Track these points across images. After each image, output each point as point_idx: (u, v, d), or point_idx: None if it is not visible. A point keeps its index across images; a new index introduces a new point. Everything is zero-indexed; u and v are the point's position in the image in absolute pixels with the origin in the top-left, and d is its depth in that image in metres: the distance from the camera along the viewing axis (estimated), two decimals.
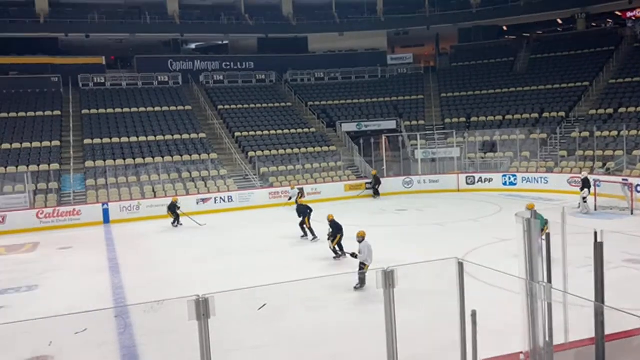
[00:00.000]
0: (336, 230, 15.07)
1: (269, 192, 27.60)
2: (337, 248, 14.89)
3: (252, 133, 33.74)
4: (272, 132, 34.06)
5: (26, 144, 29.31)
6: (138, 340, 9.55)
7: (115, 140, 30.92)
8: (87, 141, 30.49)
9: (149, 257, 17.17)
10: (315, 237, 17.76)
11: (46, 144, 29.72)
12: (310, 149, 32.56)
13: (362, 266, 12.21)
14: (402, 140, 33.53)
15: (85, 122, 32.40)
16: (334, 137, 34.81)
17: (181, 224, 22.58)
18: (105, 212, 24.66)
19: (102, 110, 33.73)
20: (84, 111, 33.44)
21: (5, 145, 28.91)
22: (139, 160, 29.19)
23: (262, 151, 31.77)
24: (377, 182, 28.70)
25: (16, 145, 29.10)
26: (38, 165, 27.54)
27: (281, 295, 9.58)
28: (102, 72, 37.44)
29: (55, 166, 27.81)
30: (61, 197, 25.98)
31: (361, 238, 12.27)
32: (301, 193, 26.07)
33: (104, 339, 9.53)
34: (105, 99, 35.15)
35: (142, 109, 34.58)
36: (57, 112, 33.01)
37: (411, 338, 6.57)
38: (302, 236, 18.34)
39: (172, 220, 22.64)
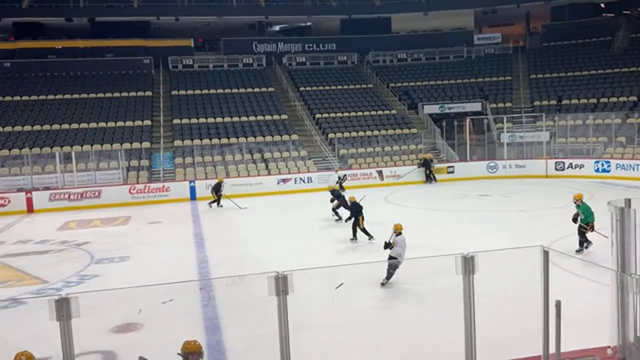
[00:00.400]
0: (356, 213, 15.38)
1: (348, 173, 27.65)
2: (364, 229, 15.20)
3: (332, 115, 33.83)
4: (353, 113, 34.00)
5: (120, 123, 30.97)
6: (220, 312, 9.93)
7: (202, 120, 32.04)
8: (176, 121, 31.80)
9: (232, 233, 17.76)
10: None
11: (138, 123, 31.28)
12: (391, 131, 32.24)
13: (394, 261, 11.04)
14: (487, 123, 32.46)
15: (175, 103, 33.76)
16: (416, 119, 34.24)
17: (221, 206, 22.69)
18: (192, 190, 25.69)
19: (190, 92, 35.00)
20: (174, 92, 34.83)
21: (102, 124, 30.70)
22: (224, 140, 30.10)
23: (342, 133, 31.82)
24: (428, 166, 27.91)
25: (111, 124, 30.83)
26: (131, 144, 29.05)
27: (357, 275, 9.62)
28: (191, 54, 38.76)
29: (146, 145, 29.25)
30: (151, 174, 27.32)
31: (398, 232, 11.24)
32: (343, 179, 25.89)
33: (189, 310, 9.98)
34: (193, 80, 36.41)
35: (227, 90, 35.54)
36: (149, 93, 34.60)
37: (489, 326, 6.41)
38: (336, 219, 18.50)
39: (212, 201, 22.78)
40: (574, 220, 13.37)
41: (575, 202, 13.51)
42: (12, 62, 35.46)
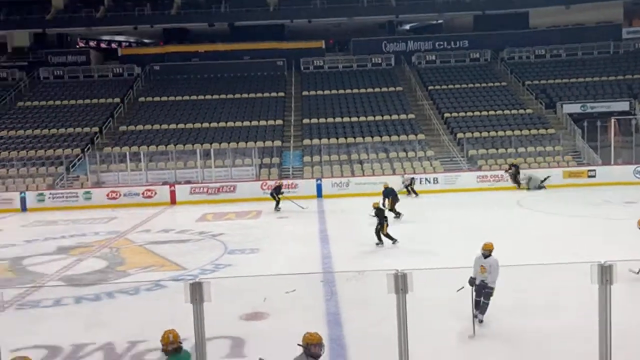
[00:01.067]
0: (381, 218, 15.15)
1: (477, 175, 26.73)
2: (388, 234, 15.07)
3: (461, 114, 32.87)
4: (484, 113, 32.77)
5: (254, 123, 32.54)
6: (342, 307, 10.08)
7: (330, 120, 32.69)
8: (305, 121, 32.77)
9: (356, 231, 17.92)
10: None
11: (271, 122, 32.67)
12: (525, 132, 30.61)
13: (489, 290, 8.82)
14: (636, 123, 29.67)
15: (305, 103, 34.81)
16: (553, 119, 32.20)
17: (279, 209, 22.37)
18: (319, 187, 26.32)
19: (319, 92, 35.88)
20: (304, 92, 35.93)
21: (238, 123, 32.48)
22: (350, 140, 30.48)
23: (472, 133, 30.79)
24: (517, 172, 25.87)
25: (246, 123, 32.50)
26: (264, 142, 30.43)
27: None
28: (321, 56, 39.71)
29: (277, 143, 30.48)
30: (282, 171, 28.40)
31: (488, 252, 8.85)
32: (411, 184, 25.02)
33: (312, 303, 10.25)
34: (323, 80, 37.29)
35: (355, 90, 35.93)
36: (281, 94, 36.00)
37: (625, 340, 5.88)
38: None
39: (275, 204, 22.46)
40: None
41: None
42: (161, 65, 38.68)
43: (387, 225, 15.17)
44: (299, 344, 5.52)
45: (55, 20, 39.07)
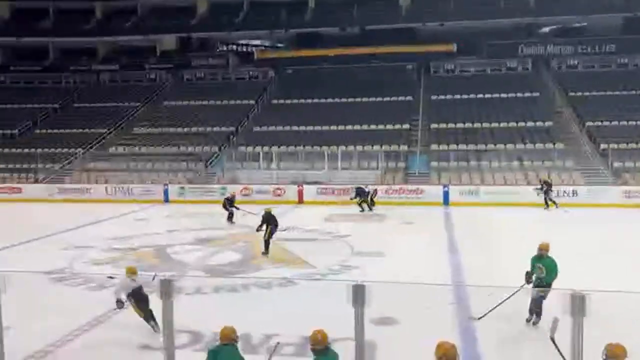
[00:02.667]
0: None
1: (623, 190, 24.60)
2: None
3: (606, 123, 30.46)
4: (631, 122, 30.10)
5: (381, 126, 32.54)
6: (475, 322, 9.70)
7: (460, 125, 31.84)
8: (433, 125, 32.19)
9: (486, 242, 17.24)
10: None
11: (397, 126, 32.50)
12: None
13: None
14: None
15: (433, 107, 34.20)
16: None
17: (233, 222, 20.78)
18: (446, 194, 25.71)
19: (449, 96, 35.08)
20: (433, 97, 35.31)
21: (364, 126, 32.67)
22: (481, 146, 29.45)
23: (618, 144, 28.39)
24: (549, 187, 23.53)
25: (373, 126, 32.59)
26: (389, 145, 30.32)
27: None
28: (452, 59, 38.79)
29: (404, 147, 30.23)
30: (407, 176, 28.12)
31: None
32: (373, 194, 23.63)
33: (442, 314, 9.97)
34: (454, 84, 36.43)
35: (487, 95, 34.70)
36: (409, 97, 35.67)
37: None
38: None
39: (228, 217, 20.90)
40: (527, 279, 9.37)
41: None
42: (294, 69, 39.98)
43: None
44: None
45: (199, 26, 41.89)
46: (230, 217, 21.13)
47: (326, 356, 5.70)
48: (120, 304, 9.34)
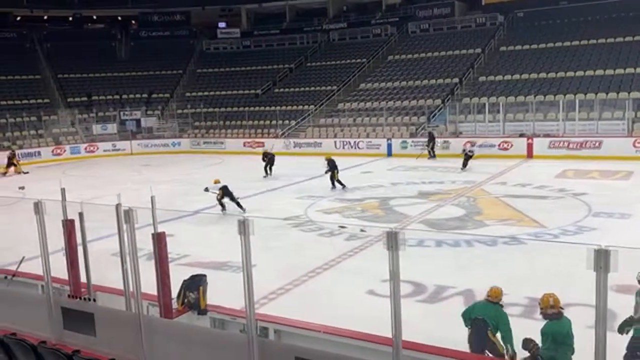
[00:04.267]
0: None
1: None
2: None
3: None
4: None
5: (629, 70, 28.46)
6: None
7: None
8: None
9: None
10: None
11: None
12: None
13: None
14: None
15: None
16: None
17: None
18: None
19: None
20: None
21: (608, 71, 28.91)
22: None
23: None
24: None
25: (619, 71, 28.68)
26: (639, 92, 26.44)
27: None
28: None
29: None
30: None
31: None
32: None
33: None
34: None
35: None
36: None
37: None
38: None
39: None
40: None
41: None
42: (525, 12, 36.91)
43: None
44: None
45: None
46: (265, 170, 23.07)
47: (560, 321, 5.33)
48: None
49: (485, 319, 5.92)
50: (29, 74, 40.24)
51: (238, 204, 15.38)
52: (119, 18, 48.74)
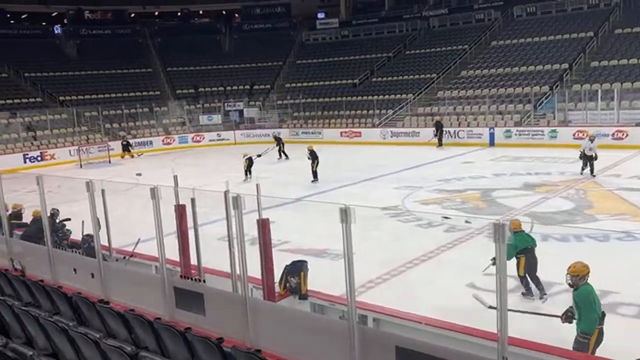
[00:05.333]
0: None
1: None
2: None
3: None
4: None
5: None
6: None
7: None
8: None
9: None
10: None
11: None
12: None
13: None
14: None
15: None
16: None
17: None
18: None
19: None
20: None
21: None
22: None
23: None
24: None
25: None
26: None
27: None
28: None
29: None
30: None
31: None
32: None
33: None
34: None
35: None
36: None
37: None
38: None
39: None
40: None
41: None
42: None
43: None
44: None
45: None
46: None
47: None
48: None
49: None
50: (142, 68, 42.89)
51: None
52: (224, 12, 50.66)
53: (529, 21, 37.64)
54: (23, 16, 45.90)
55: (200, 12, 50.79)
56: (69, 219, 10.80)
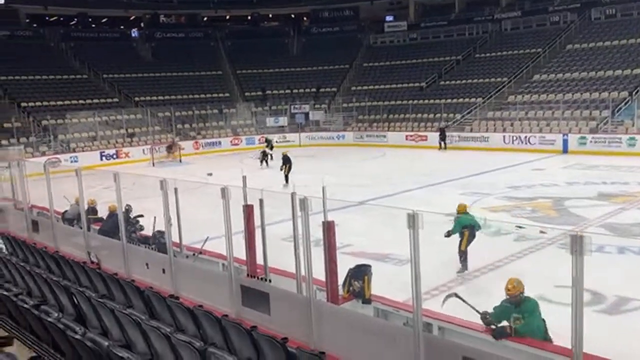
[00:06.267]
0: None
1: None
2: None
3: None
4: None
5: None
6: None
7: None
8: None
9: None
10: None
11: None
12: None
13: None
14: None
15: None
16: None
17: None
18: None
19: None
20: None
21: None
22: None
23: None
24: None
25: None
26: None
27: None
28: None
29: None
30: None
31: None
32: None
33: None
34: None
35: None
36: None
37: None
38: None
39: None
40: None
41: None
42: None
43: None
44: None
45: None
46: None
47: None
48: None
49: None
50: (213, 70, 44.07)
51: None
52: (292, 16, 51.28)
53: (608, 24, 35.95)
54: (103, 20, 48.20)
55: (270, 15, 51.64)
56: (142, 215, 11.23)
